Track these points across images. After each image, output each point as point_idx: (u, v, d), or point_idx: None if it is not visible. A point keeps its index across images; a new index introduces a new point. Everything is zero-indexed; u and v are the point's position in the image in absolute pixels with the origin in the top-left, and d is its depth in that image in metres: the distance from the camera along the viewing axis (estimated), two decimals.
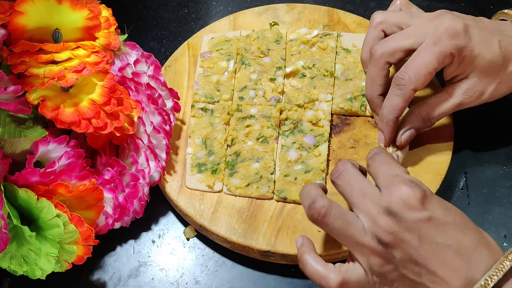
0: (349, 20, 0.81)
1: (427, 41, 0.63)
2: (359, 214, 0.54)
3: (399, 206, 0.52)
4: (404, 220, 0.52)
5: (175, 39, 0.84)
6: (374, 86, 0.68)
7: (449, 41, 0.63)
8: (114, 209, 0.63)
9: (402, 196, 0.52)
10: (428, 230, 0.51)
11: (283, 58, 0.76)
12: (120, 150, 0.66)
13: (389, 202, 0.52)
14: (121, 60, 0.67)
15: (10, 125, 0.58)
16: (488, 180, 0.72)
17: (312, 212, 0.55)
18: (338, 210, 0.54)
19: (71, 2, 0.61)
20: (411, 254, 0.52)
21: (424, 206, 0.52)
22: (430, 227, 0.52)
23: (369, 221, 0.53)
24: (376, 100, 0.68)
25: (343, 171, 0.57)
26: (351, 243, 0.54)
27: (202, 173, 0.69)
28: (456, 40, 0.63)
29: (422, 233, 0.51)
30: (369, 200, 0.54)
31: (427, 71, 0.63)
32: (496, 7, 0.74)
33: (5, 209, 0.56)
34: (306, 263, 0.56)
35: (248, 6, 0.84)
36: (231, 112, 0.72)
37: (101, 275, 0.67)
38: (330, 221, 0.54)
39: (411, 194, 0.52)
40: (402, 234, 0.52)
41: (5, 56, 0.59)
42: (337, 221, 0.54)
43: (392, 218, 0.52)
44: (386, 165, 0.56)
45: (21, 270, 0.58)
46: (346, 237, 0.54)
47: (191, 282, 0.67)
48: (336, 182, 0.57)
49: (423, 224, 0.52)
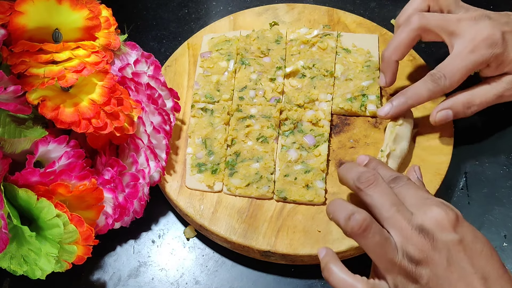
0: (349, 20, 0.81)
1: (465, 46, 0.66)
2: (390, 229, 0.53)
3: (433, 226, 0.52)
4: (436, 239, 0.52)
5: (175, 39, 0.84)
6: (396, 51, 0.70)
7: (486, 50, 0.66)
8: (114, 209, 0.63)
9: (436, 216, 0.52)
10: (457, 252, 0.51)
11: (283, 58, 0.76)
12: (120, 150, 0.66)
13: (423, 221, 0.52)
14: (121, 60, 0.67)
15: (10, 125, 0.58)
16: (488, 180, 0.72)
17: (352, 225, 0.53)
18: (378, 225, 0.53)
19: (71, 2, 0.61)
20: (438, 275, 0.51)
21: (456, 229, 0.52)
22: (460, 250, 0.51)
23: (402, 237, 0.52)
24: (392, 64, 0.70)
25: (375, 181, 0.56)
26: (383, 259, 0.53)
27: (202, 173, 0.69)
28: (493, 49, 0.66)
29: (451, 255, 0.51)
30: (402, 216, 0.53)
31: (461, 76, 0.67)
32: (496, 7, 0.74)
33: (5, 209, 0.56)
34: (332, 272, 0.55)
35: (248, 6, 0.84)
36: (231, 112, 0.72)
37: (101, 275, 0.67)
38: (370, 235, 0.53)
39: (445, 215, 0.52)
40: (432, 253, 0.51)
41: (5, 56, 0.59)
42: (376, 235, 0.53)
43: (424, 236, 0.52)
44: (413, 188, 0.56)
45: (21, 270, 0.58)
46: (380, 253, 0.53)
47: (191, 282, 0.67)
48: (366, 191, 0.56)
49: (453, 246, 0.51)
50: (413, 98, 0.68)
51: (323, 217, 0.67)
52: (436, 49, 0.77)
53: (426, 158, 0.70)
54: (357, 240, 0.54)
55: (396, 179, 0.58)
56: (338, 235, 0.65)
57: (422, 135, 0.71)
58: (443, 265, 0.51)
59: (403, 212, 0.53)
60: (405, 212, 0.54)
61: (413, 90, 0.68)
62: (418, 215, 0.53)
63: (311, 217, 0.67)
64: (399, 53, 0.70)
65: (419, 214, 0.53)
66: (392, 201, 0.54)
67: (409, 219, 0.53)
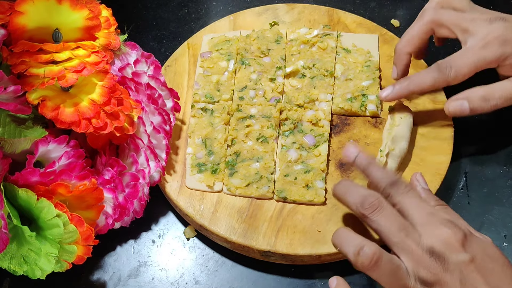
0: (349, 20, 0.81)
1: (477, 42, 0.65)
2: (400, 254, 0.53)
3: (442, 247, 0.52)
4: (447, 261, 0.51)
5: (175, 39, 0.84)
6: (409, 42, 0.70)
7: (498, 47, 0.65)
8: (114, 209, 0.63)
9: (444, 236, 0.52)
10: (470, 272, 0.51)
11: (283, 58, 0.76)
12: (120, 150, 0.66)
13: (432, 242, 0.52)
14: (121, 60, 0.67)
15: (10, 125, 0.58)
16: (488, 180, 0.72)
17: (362, 260, 0.53)
18: (388, 255, 0.53)
19: (71, 2, 0.61)
20: None
21: (465, 248, 0.52)
22: (472, 269, 0.51)
23: (413, 261, 0.52)
24: (404, 56, 0.70)
25: (379, 206, 0.55)
26: (396, 286, 0.53)
27: (202, 173, 0.69)
28: (505, 48, 0.65)
29: (463, 276, 0.51)
30: (411, 240, 0.53)
31: (469, 70, 0.65)
32: (496, 7, 0.74)
33: (5, 209, 0.56)
34: None
35: (248, 6, 0.84)
36: (231, 112, 0.72)
37: (101, 275, 0.67)
38: (382, 267, 0.53)
39: (453, 235, 0.52)
40: (444, 275, 0.51)
41: (5, 56, 0.59)
42: (387, 265, 0.53)
43: (435, 258, 0.52)
44: (416, 199, 0.56)
45: (21, 270, 0.58)
46: (393, 281, 0.53)
47: (191, 282, 0.67)
48: (371, 218, 0.56)
49: (465, 267, 0.51)
50: (415, 83, 0.67)
51: (323, 217, 0.67)
52: (437, 49, 0.77)
53: (426, 158, 0.70)
54: (369, 273, 0.53)
55: (394, 184, 0.57)
56: None
57: (422, 135, 0.71)
58: (457, 287, 0.51)
59: (411, 236, 0.53)
60: (413, 234, 0.53)
61: (417, 76, 0.68)
62: (426, 236, 0.53)
63: (311, 217, 0.67)
64: (411, 45, 0.70)
65: (427, 235, 0.53)
66: (399, 225, 0.54)
67: (418, 242, 0.52)
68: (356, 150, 0.62)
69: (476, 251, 0.52)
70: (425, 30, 0.69)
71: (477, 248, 0.53)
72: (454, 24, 0.68)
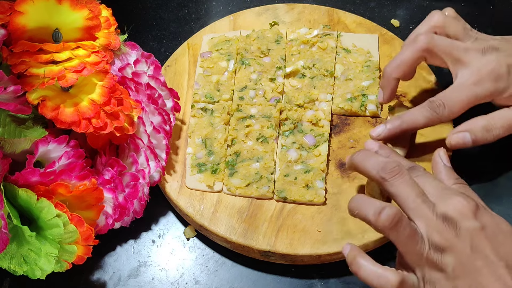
0: (349, 20, 0.81)
1: (469, 77, 0.65)
2: (416, 219, 0.54)
3: (455, 214, 0.52)
4: (459, 227, 0.52)
5: (175, 39, 0.84)
6: (397, 68, 0.68)
7: (491, 84, 0.64)
8: (114, 209, 0.63)
9: (457, 204, 0.53)
10: (480, 240, 0.52)
11: (283, 58, 0.76)
12: (120, 150, 0.66)
13: (446, 210, 0.53)
14: (121, 60, 0.67)
15: (10, 125, 0.58)
16: (488, 180, 0.72)
17: (383, 219, 0.53)
18: (407, 218, 0.54)
19: (71, 2, 0.61)
20: (463, 262, 0.52)
21: (477, 216, 0.53)
22: (482, 237, 0.52)
23: (427, 226, 0.53)
24: (392, 81, 0.69)
25: (400, 171, 0.56)
26: (412, 252, 0.53)
27: (202, 173, 0.69)
28: (498, 84, 0.64)
29: (474, 242, 0.52)
30: (427, 206, 0.54)
31: (462, 107, 0.65)
32: (496, 7, 0.74)
33: (5, 209, 0.56)
34: (361, 265, 0.55)
35: (248, 6, 0.84)
36: (231, 112, 0.72)
37: (101, 275, 0.67)
38: (401, 229, 0.53)
39: (466, 203, 0.53)
40: (456, 240, 0.52)
41: (5, 56, 0.59)
42: (407, 228, 0.53)
43: (448, 224, 0.52)
44: (431, 178, 0.57)
45: (21, 270, 0.58)
46: (410, 246, 0.53)
47: (191, 282, 0.67)
48: (391, 182, 0.56)
49: (475, 234, 0.52)
50: (408, 123, 0.66)
51: (323, 217, 0.67)
52: None
53: (426, 158, 0.70)
54: (389, 234, 0.54)
55: (412, 168, 0.58)
56: (338, 235, 0.65)
57: (422, 135, 0.71)
58: (467, 252, 0.51)
59: (427, 203, 0.54)
60: (429, 202, 0.54)
61: (409, 115, 0.67)
62: (440, 205, 0.53)
63: (311, 217, 0.67)
64: (400, 71, 0.68)
65: (441, 204, 0.54)
66: (417, 192, 0.55)
67: (432, 209, 0.53)
68: (375, 144, 0.64)
69: (488, 222, 0.53)
70: (416, 58, 0.67)
71: (489, 220, 0.53)
72: (446, 53, 0.66)
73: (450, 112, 0.65)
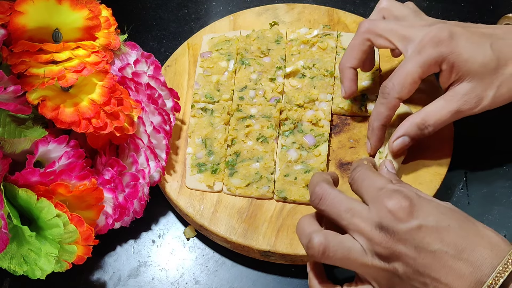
0: (349, 20, 0.81)
1: (413, 50, 0.63)
2: (354, 235, 0.53)
3: (389, 220, 0.52)
4: (396, 232, 0.51)
5: (175, 39, 0.84)
6: (349, 57, 0.68)
7: (433, 49, 0.62)
8: (114, 209, 0.63)
9: (390, 209, 0.52)
10: (422, 238, 0.51)
11: (283, 58, 0.76)
12: (120, 150, 0.66)
13: (379, 217, 0.52)
14: (121, 60, 0.67)
15: (10, 125, 0.58)
16: (488, 180, 0.72)
17: (311, 252, 0.54)
18: (336, 240, 0.53)
19: (71, 2, 0.61)
20: (412, 264, 0.51)
21: (412, 215, 0.51)
22: (423, 235, 0.51)
23: (365, 239, 0.52)
24: (346, 71, 0.69)
25: (322, 195, 0.55)
26: (355, 266, 0.53)
27: (202, 173, 0.69)
28: (440, 48, 0.62)
29: (416, 242, 0.51)
30: (359, 219, 0.53)
31: (411, 80, 0.63)
32: (496, 7, 0.74)
33: (5, 209, 0.56)
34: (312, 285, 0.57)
35: (248, 6, 0.84)
36: (231, 112, 0.72)
37: (101, 275, 0.67)
38: (331, 255, 0.53)
39: (397, 205, 0.52)
40: (397, 247, 0.51)
41: (5, 56, 0.59)
42: (337, 252, 0.53)
43: (385, 232, 0.52)
44: (367, 179, 0.56)
45: (21, 270, 0.58)
46: (350, 263, 0.53)
47: (191, 282, 0.67)
48: (319, 208, 0.56)
49: (415, 234, 0.51)
50: (377, 119, 0.66)
51: None
52: None
53: (426, 158, 0.70)
54: (322, 262, 0.54)
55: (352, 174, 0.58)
56: None
57: None
58: (412, 254, 0.51)
59: (359, 214, 0.53)
60: (361, 212, 0.53)
61: (373, 112, 0.67)
62: (373, 211, 0.53)
63: None
64: (352, 59, 0.68)
65: (374, 210, 0.53)
66: (345, 208, 0.54)
67: (366, 219, 0.53)
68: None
69: (427, 213, 0.52)
70: (360, 41, 0.67)
71: (428, 210, 0.52)
72: (391, 32, 0.65)
73: (401, 89, 0.63)
